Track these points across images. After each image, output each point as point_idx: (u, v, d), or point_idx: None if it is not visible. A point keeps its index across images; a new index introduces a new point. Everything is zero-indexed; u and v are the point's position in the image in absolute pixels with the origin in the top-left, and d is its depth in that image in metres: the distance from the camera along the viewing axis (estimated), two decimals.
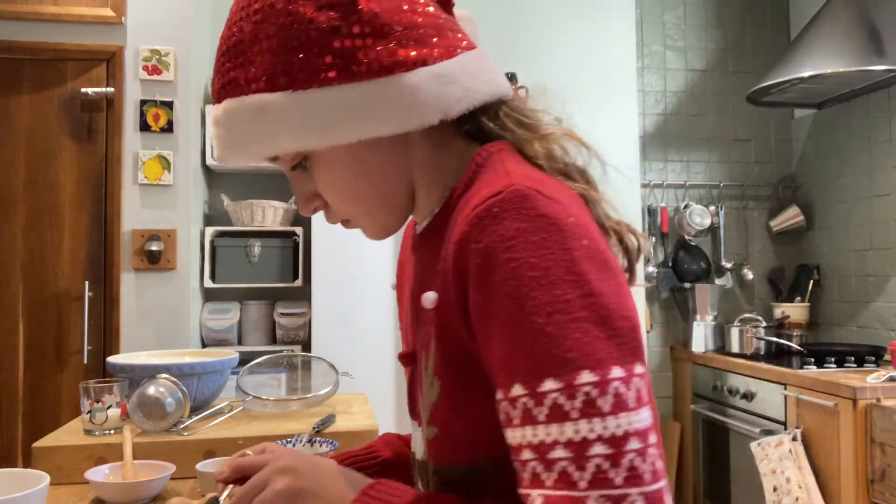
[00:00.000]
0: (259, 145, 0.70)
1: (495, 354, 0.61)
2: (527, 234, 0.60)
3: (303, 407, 1.66)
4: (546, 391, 0.57)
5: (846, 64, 2.82)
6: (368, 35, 0.66)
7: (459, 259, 0.64)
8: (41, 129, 2.81)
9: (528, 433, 0.58)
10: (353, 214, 0.77)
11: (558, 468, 0.56)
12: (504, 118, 0.76)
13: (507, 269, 0.60)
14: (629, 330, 0.59)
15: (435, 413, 0.70)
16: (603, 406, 0.56)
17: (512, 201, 0.62)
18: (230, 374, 1.72)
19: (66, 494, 1.26)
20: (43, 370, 2.76)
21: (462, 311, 0.64)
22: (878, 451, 2.36)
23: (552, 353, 0.57)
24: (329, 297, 2.79)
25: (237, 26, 0.70)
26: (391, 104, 0.66)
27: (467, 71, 0.70)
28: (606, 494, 0.54)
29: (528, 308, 0.58)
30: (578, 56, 3.25)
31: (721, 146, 3.68)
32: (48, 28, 2.78)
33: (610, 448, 0.55)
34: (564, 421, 0.56)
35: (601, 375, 0.56)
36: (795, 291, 3.53)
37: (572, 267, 0.59)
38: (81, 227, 2.82)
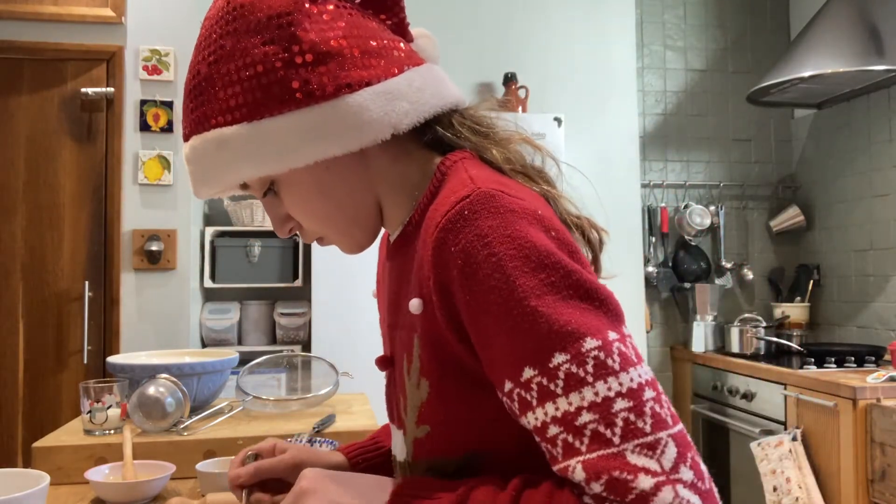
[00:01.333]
0: (225, 175, 0.75)
1: (496, 348, 0.64)
2: (500, 229, 0.64)
3: (303, 407, 1.66)
4: (557, 364, 0.60)
5: (846, 64, 2.82)
6: (312, 64, 0.71)
7: (438, 265, 0.67)
8: (41, 129, 2.81)
9: (549, 409, 0.60)
10: (325, 233, 0.81)
11: (588, 431, 0.59)
12: (459, 126, 0.79)
13: (489, 265, 0.63)
14: (609, 300, 0.64)
15: (424, 412, 0.73)
16: (613, 365, 0.60)
17: (480, 202, 0.66)
18: (230, 374, 1.72)
19: (66, 494, 1.26)
20: (43, 370, 2.76)
21: (446, 314, 0.67)
22: (878, 451, 2.36)
23: (553, 329, 0.61)
24: (329, 297, 2.79)
25: (195, 69, 0.76)
26: (340, 124, 0.71)
27: (413, 86, 0.74)
28: (641, 443, 0.57)
29: (518, 295, 0.62)
30: (578, 56, 3.25)
31: (721, 146, 3.68)
32: (48, 28, 2.78)
33: (630, 401, 0.59)
34: (582, 386, 0.59)
35: (602, 339, 0.61)
36: (795, 291, 3.53)
37: (548, 253, 0.63)
38: (81, 227, 2.82)
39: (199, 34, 0.78)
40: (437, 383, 0.71)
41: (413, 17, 0.80)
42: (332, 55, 0.71)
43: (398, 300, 0.79)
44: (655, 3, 3.65)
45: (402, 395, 0.77)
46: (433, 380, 0.71)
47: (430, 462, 0.75)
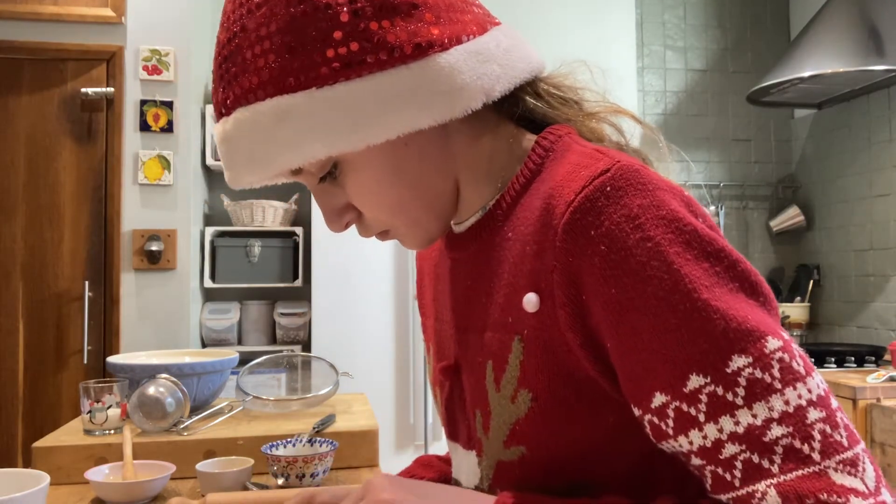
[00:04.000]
0: (283, 155, 0.60)
1: (648, 352, 0.53)
2: (653, 210, 0.54)
3: (303, 407, 1.66)
4: (737, 369, 0.50)
5: (846, 64, 2.82)
6: (394, 15, 0.58)
7: (570, 252, 0.56)
8: (41, 129, 2.81)
9: (726, 424, 0.50)
10: (393, 224, 0.67)
11: (781, 448, 0.49)
12: (547, 97, 0.69)
13: (643, 251, 0.53)
14: (772, 296, 0.55)
15: (520, 430, 0.61)
16: (798, 370, 0.51)
17: (625, 178, 0.55)
18: (230, 374, 1.72)
19: (66, 494, 1.26)
20: (43, 370, 2.76)
21: (573, 311, 0.57)
22: (878, 451, 2.36)
23: (730, 326, 0.51)
24: (329, 297, 2.79)
25: (238, 25, 0.61)
26: (430, 90, 0.58)
27: (502, 46, 0.63)
28: (843, 459, 0.49)
29: (685, 286, 0.52)
30: (578, 56, 3.24)
31: (721, 146, 3.68)
32: (48, 28, 2.78)
33: (822, 410, 0.50)
34: (770, 394, 0.50)
35: (782, 339, 0.52)
36: (795, 291, 3.53)
37: (710, 239, 0.54)
38: (81, 227, 2.82)
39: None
40: (543, 396, 0.59)
41: None
42: (417, 5, 0.59)
43: (476, 297, 0.67)
44: (655, 3, 3.65)
45: (482, 409, 0.65)
46: (538, 391, 0.59)
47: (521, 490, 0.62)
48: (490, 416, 0.64)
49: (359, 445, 1.43)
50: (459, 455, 0.71)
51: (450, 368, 0.71)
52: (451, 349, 0.71)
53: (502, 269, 0.64)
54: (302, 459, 1.20)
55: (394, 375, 2.81)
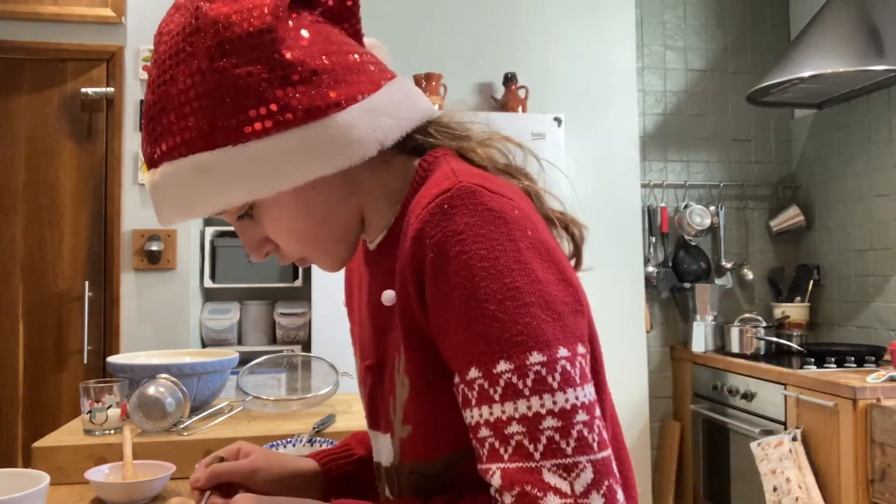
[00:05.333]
0: (206, 203, 0.70)
1: (451, 341, 0.65)
2: (475, 228, 0.64)
3: (303, 407, 1.66)
4: (500, 372, 0.62)
5: (846, 64, 2.82)
6: (298, 83, 0.68)
7: (415, 255, 0.67)
8: (41, 129, 2.81)
9: (485, 412, 0.62)
10: (307, 253, 0.78)
11: (514, 442, 0.60)
12: (437, 134, 0.80)
13: (458, 262, 0.64)
14: (570, 314, 0.65)
15: (407, 411, 0.73)
16: (552, 383, 0.61)
17: (460, 197, 0.66)
18: (230, 374, 1.72)
19: (66, 494, 1.26)
20: (43, 370, 2.76)
21: (421, 303, 0.68)
22: (878, 451, 2.36)
23: (504, 336, 0.62)
24: (329, 297, 2.79)
25: (162, 90, 0.70)
26: (331, 143, 0.68)
27: (393, 101, 0.73)
28: (559, 463, 0.59)
29: (480, 296, 0.63)
30: (578, 56, 3.25)
31: (721, 146, 3.68)
32: (48, 28, 2.78)
33: (559, 421, 0.60)
34: (518, 398, 0.61)
35: (549, 355, 0.62)
36: (795, 291, 3.53)
37: (518, 257, 0.64)
38: (81, 227, 2.82)
39: (158, 50, 0.73)
40: (416, 379, 0.71)
41: (413, 17, 0.79)
42: (317, 72, 0.69)
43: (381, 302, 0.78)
44: (655, 3, 3.65)
45: (392, 395, 0.77)
46: (413, 375, 0.71)
47: (413, 465, 0.74)
48: (395, 400, 0.76)
49: None
50: (380, 440, 0.82)
51: (372, 367, 0.81)
52: (371, 350, 0.82)
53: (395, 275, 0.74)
54: None
55: None
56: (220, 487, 0.88)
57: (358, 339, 0.88)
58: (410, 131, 0.76)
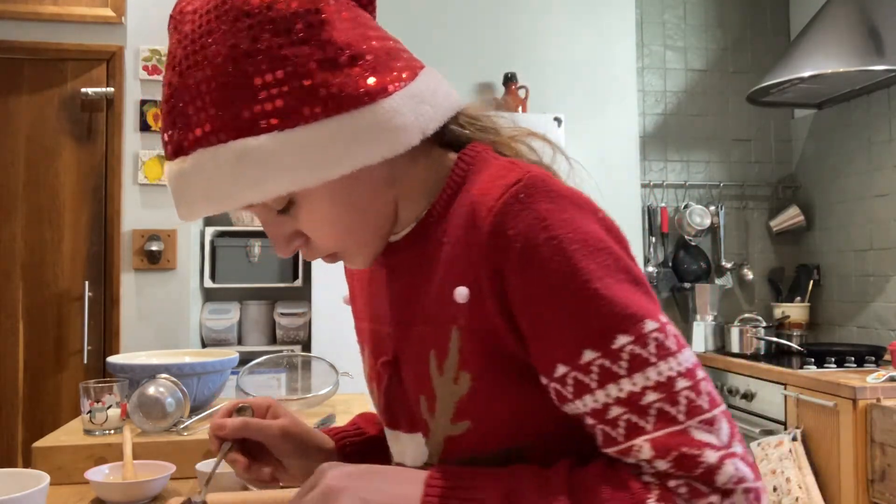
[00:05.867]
0: (244, 194, 0.66)
1: (551, 332, 0.64)
2: (557, 213, 0.65)
3: (303, 407, 1.66)
4: (621, 346, 0.62)
5: (846, 64, 2.82)
6: (346, 65, 0.66)
7: (494, 248, 0.66)
8: (41, 129, 2.81)
9: (612, 390, 0.62)
10: (343, 247, 0.75)
11: (654, 410, 0.61)
12: (468, 125, 0.79)
13: (549, 247, 0.64)
14: (649, 286, 0.67)
15: (464, 408, 0.70)
16: (671, 346, 0.63)
17: (534, 186, 0.66)
18: (230, 374, 1.72)
19: (66, 494, 1.26)
20: (43, 370, 2.76)
21: (498, 300, 0.66)
22: (878, 451, 2.36)
23: (615, 311, 0.62)
24: (329, 297, 2.79)
25: (193, 72, 0.66)
26: (379, 130, 0.66)
27: (430, 88, 0.72)
28: (702, 419, 0.61)
29: (582, 277, 0.63)
30: (578, 56, 3.25)
31: (721, 146, 3.68)
32: (48, 28, 2.78)
33: (689, 380, 0.63)
34: (647, 367, 0.62)
35: (659, 321, 0.63)
36: (795, 291, 3.53)
37: (600, 236, 0.65)
38: (81, 227, 2.82)
39: (181, 30, 0.68)
40: (480, 375, 0.69)
41: (413, 17, 0.80)
42: (363, 56, 0.67)
43: (413, 296, 0.75)
44: (655, 3, 3.65)
45: (427, 394, 0.73)
46: (477, 372, 0.69)
47: (468, 460, 0.72)
48: (435, 399, 0.72)
49: None
50: (402, 440, 0.79)
51: (389, 363, 0.78)
52: (389, 345, 0.79)
53: (438, 269, 0.72)
54: None
55: None
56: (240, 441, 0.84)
57: (370, 335, 0.84)
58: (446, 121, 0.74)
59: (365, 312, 0.86)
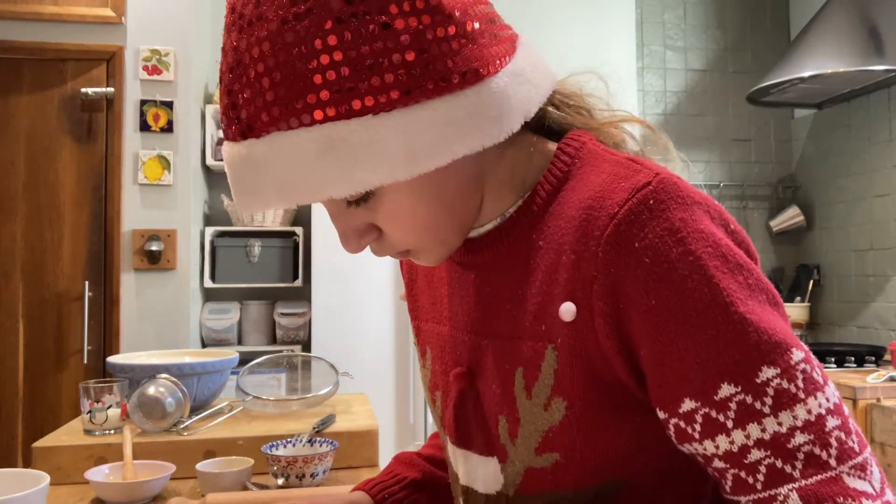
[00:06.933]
0: (327, 186, 0.55)
1: (682, 361, 0.55)
2: (693, 224, 0.56)
3: (303, 407, 1.66)
4: (765, 380, 0.53)
5: (846, 64, 2.82)
6: (454, 38, 0.56)
7: (613, 263, 0.57)
8: (41, 129, 2.81)
9: (752, 431, 0.53)
10: (421, 244, 0.65)
11: (802, 454, 0.52)
12: (563, 107, 0.70)
13: (685, 264, 0.55)
14: (783, 304, 0.58)
15: (553, 438, 0.62)
16: (818, 380, 0.54)
17: (665, 191, 0.57)
18: (230, 374, 1.72)
19: (66, 494, 1.26)
20: (43, 370, 2.76)
21: (612, 321, 0.57)
22: (878, 451, 2.36)
23: (762, 339, 0.53)
24: (329, 297, 2.79)
25: (277, 37, 0.54)
26: (483, 116, 0.57)
27: (531, 63, 0.62)
28: (854, 464, 0.53)
29: (723, 299, 0.54)
30: (578, 56, 3.25)
31: (721, 146, 3.68)
32: (48, 28, 2.78)
33: (838, 418, 0.54)
34: (794, 405, 0.53)
35: (803, 351, 0.55)
36: (795, 291, 3.53)
37: (735, 251, 0.57)
38: (81, 227, 2.82)
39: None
40: (578, 404, 0.60)
41: None
42: (475, 29, 0.57)
43: (498, 304, 0.66)
44: (655, 3, 3.65)
45: (509, 416, 0.65)
46: (573, 400, 0.60)
47: (551, 496, 0.64)
48: (519, 423, 0.64)
49: (359, 445, 1.43)
50: (473, 462, 0.70)
51: (463, 375, 0.69)
52: (464, 355, 0.70)
53: (533, 277, 0.63)
54: (302, 459, 1.21)
55: (394, 375, 2.81)
56: None
57: (438, 338, 0.75)
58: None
59: (431, 313, 0.77)
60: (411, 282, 0.83)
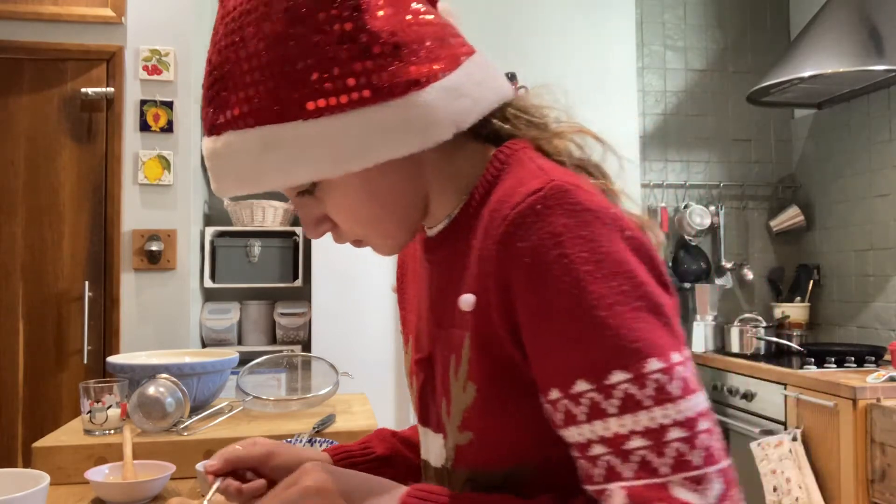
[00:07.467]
0: (270, 178, 0.66)
1: (552, 353, 0.60)
2: (575, 229, 0.60)
3: (303, 407, 1.66)
4: (615, 383, 0.57)
5: (846, 64, 2.82)
6: (379, 56, 0.62)
7: (503, 260, 0.62)
8: (41, 129, 2.81)
9: (598, 427, 0.58)
10: (366, 235, 0.74)
11: (637, 458, 0.56)
12: (515, 119, 0.75)
13: (559, 266, 0.59)
14: (674, 317, 0.61)
15: (469, 418, 0.69)
16: (673, 391, 0.57)
17: (554, 197, 0.61)
18: (230, 374, 1.72)
19: (66, 494, 1.26)
20: (43, 370, 2.76)
21: (504, 313, 0.63)
22: (878, 451, 2.36)
23: (618, 344, 0.57)
24: (329, 297, 2.79)
25: (230, 52, 0.65)
26: (408, 125, 0.63)
27: (473, 79, 0.68)
28: (689, 476, 0.55)
29: (588, 302, 0.58)
30: (578, 56, 3.25)
31: (721, 146, 3.68)
32: (48, 28, 2.78)
33: (686, 431, 0.56)
34: (638, 410, 0.56)
35: (666, 361, 0.57)
36: (795, 291, 3.52)
37: (621, 258, 0.60)
38: (81, 227, 2.82)
39: (225, 6, 0.67)
40: (484, 387, 0.67)
41: None
42: (399, 46, 0.63)
43: (446, 297, 0.73)
44: (655, 3, 3.65)
45: (446, 397, 0.72)
46: (481, 383, 0.67)
47: (471, 472, 0.71)
48: (451, 404, 0.71)
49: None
50: (430, 438, 0.78)
51: (424, 360, 0.77)
52: (426, 343, 0.78)
53: (465, 273, 0.70)
54: None
55: (394, 375, 2.81)
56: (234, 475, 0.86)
57: (415, 328, 0.83)
58: (487, 114, 0.70)
59: (412, 304, 0.85)
60: (402, 275, 0.90)
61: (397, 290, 0.90)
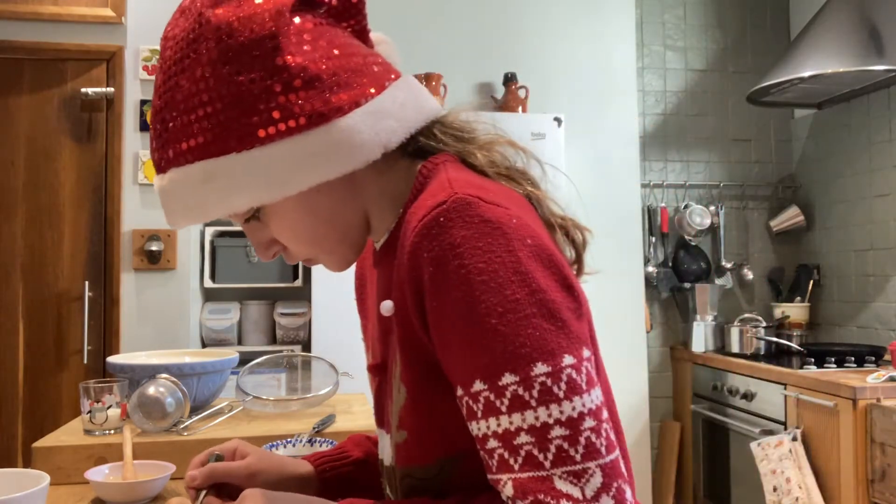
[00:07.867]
0: (213, 208, 0.72)
1: (454, 355, 0.65)
2: (472, 241, 0.64)
3: (303, 407, 1.66)
4: (506, 384, 0.62)
5: (846, 64, 2.82)
6: (300, 88, 0.69)
7: (413, 268, 0.67)
8: (41, 129, 2.81)
9: (492, 423, 0.63)
10: (313, 254, 0.80)
11: (524, 452, 0.62)
12: (441, 135, 0.79)
13: (457, 276, 0.64)
14: (575, 319, 0.65)
15: (403, 417, 0.74)
16: (558, 392, 0.62)
17: (456, 210, 0.65)
18: (230, 374, 1.72)
19: (66, 494, 1.26)
20: (43, 370, 2.76)
21: (420, 316, 0.68)
22: (878, 451, 2.36)
23: (508, 349, 0.62)
24: (329, 297, 2.79)
25: (168, 96, 0.72)
26: (333, 149, 0.69)
27: (397, 102, 0.73)
28: (569, 470, 0.61)
29: (481, 310, 0.63)
30: (578, 56, 3.25)
31: (721, 146, 3.68)
32: (48, 28, 2.78)
33: (567, 429, 0.61)
34: (525, 409, 0.62)
35: (553, 365, 0.62)
36: (795, 291, 3.53)
37: (518, 267, 0.64)
38: (81, 227, 2.82)
39: (163, 55, 0.74)
40: (413, 388, 0.72)
41: (413, 17, 0.79)
42: (320, 77, 0.69)
43: None
44: (655, 3, 3.65)
45: (390, 399, 0.78)
46: (409, 384, 0.72)
47: (406, 469, 0.75)
48: (392, 405, 0.77)
49: None
50: (384, 439, 0.83)
51: (378, 366, 0.82)
52: (378, 350, 0.83)
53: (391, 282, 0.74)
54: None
55: None
56: (216, 487, 0.87)
57: (369, 336, 0.89)
58: (414, 133, 0.76)
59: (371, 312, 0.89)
60: (361, 286, 0.95)
61: (357, 300, 0.96)
